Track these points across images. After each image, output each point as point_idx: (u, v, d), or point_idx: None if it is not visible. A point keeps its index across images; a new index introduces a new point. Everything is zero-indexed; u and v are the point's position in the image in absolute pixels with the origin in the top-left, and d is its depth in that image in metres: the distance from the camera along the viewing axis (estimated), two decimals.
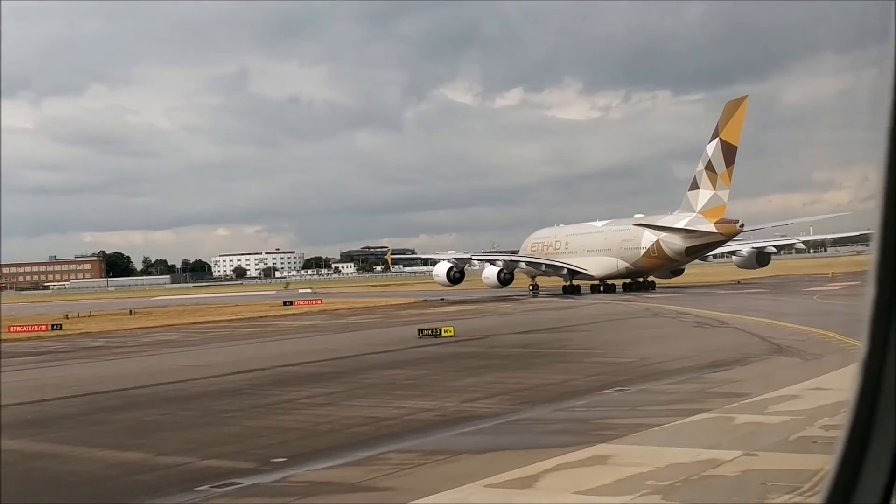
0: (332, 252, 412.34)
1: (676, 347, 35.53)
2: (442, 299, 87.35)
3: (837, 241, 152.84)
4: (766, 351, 32.56)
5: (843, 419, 2.65)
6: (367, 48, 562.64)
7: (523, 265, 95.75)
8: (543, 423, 20.83)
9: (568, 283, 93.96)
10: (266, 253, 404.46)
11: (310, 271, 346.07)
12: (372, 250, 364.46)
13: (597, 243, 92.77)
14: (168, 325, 69.42)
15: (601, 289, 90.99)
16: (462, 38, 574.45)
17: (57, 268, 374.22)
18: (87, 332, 64.82)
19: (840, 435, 2.66)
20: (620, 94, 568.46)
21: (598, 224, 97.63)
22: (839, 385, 21.17)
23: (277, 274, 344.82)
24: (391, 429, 20.66)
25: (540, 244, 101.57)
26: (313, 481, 15.99)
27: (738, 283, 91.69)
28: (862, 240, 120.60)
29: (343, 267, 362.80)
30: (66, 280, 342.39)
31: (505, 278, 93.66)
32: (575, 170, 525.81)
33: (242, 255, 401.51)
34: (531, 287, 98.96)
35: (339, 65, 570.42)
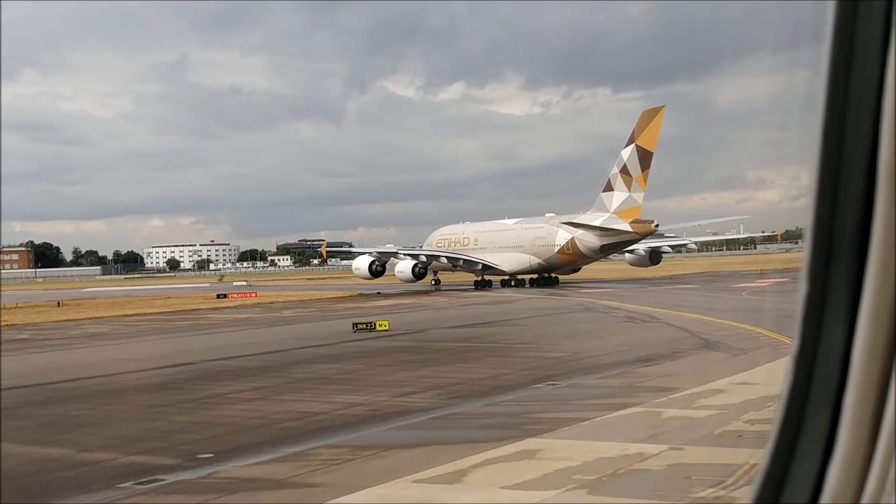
0: (268, 244, 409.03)
1: (608, 342, 35.90)
2: (378, 293, 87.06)
3: (766, 239, 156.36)
4: (696, 346, 33.08)
5: (769, 413, 2.64)
6: (309, 39, 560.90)
7: (444, 260, 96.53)
8: (474, 417, 20.86)
9: (480, 278, 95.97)
10: (201, 245, 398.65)
11: (245, 264, 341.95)
12: (309, 243, 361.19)
13: (508, 240, 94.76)
14: (97, 318, 67.93)
15: (511, 283, 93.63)
16: (405, 31, 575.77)
17: None
18: (12, 324, 63.01)
19: (772, 428, 2.77)
20: (561, 91, 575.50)
21: (510, 222, 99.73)
22: (765, 380, 21.60)
23: (212, 266, 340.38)
24: (321, 424, 20.48)
25: (446, 240, 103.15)
26: (240, 478, 15.75)
27: (670, 279, 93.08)
28: (789, 237, 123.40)
29: (279, 260, 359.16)
30: None
31: (419, 273, 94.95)
32: (515, 165, 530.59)
33: (176, 246, 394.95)
34: (433, 282, 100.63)
35: (281, 55, 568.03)
